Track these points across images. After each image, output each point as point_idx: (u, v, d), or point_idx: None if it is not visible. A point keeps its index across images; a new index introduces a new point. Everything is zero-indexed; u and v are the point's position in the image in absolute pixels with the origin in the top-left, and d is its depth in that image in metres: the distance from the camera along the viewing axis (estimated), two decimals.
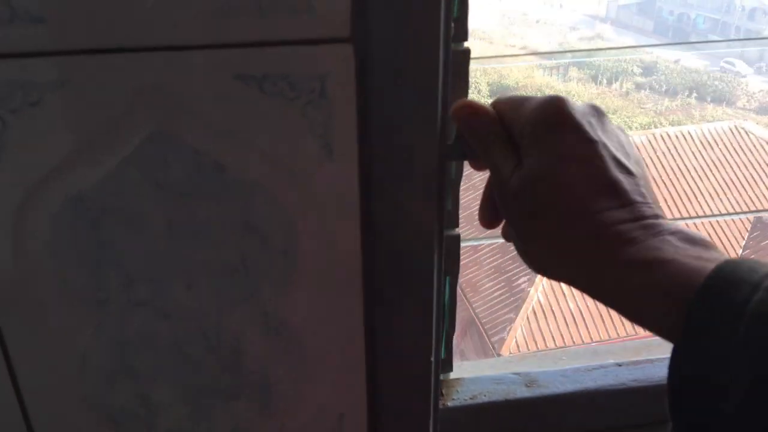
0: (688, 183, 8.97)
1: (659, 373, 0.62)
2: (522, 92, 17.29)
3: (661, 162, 9.14)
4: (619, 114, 17.28)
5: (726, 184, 9.09)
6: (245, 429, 0.45)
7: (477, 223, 0.44)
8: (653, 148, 9.42)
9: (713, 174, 9.09)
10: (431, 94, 0.39)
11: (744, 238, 8.41)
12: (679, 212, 8.58)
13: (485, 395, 0.59)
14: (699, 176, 9.05)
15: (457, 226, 0.55)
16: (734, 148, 9.50)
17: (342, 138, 0.38)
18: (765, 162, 9.34)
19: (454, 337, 0.59)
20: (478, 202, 0.44)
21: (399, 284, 0.45)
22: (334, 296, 0.43)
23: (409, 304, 0.46)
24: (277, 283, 0.42)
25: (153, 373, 0.42)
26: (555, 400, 0.60)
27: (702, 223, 8.52)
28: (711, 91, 19.31)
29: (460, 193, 0.52)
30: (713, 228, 8.57)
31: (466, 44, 0.47)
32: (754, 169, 9.23)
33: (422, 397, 0.49)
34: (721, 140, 9.54)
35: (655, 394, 0.61)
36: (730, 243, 8.31)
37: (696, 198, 8.85)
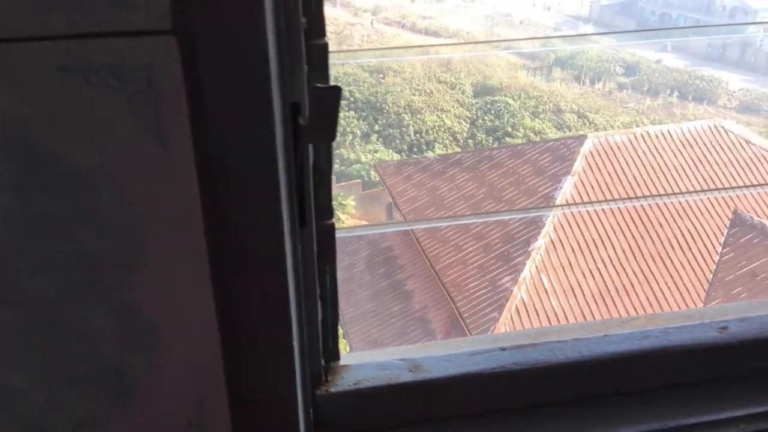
0: (667, 180, 9.04)
1: (539, 356, 0.64)
2: (507, 92, 17.36)
3: (641, 161, 9.22)
4: (602, 113, 17.36)
5: (705, 181, 9.18)
6: (102, 416, 0.46)
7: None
8: (634, 147, 9.50)
9: (693, 172, 9.18)
10: (263, 82, 0.40)
11: (723, 235, 8.49)
12: (659, 209, 8.65)
13: (369, 381, 0.61)
14: (679, 174, 9.14)
15: (332, 216, 0.56)
16: (714, 147, 9.59)
17: (173, 127, 0.40)
18: (744, 160, 9.45)
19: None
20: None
21: (250, 273, 0.46)
22: (183, 285, 0.44)
23: (263, 293, 0.47)
24: (124, 273, 0.43)
25: (3, 360, 0.43)
26: (437, 383, 0.62)
27: (681, 217, 8.61)
28: (692, 90, 19.48)
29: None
30: (692, 223, 8.64)
31: (324, 39, 0.49)
32: (733, 167, 9.34)
33: (286, 384, 0.51)
34: (701, 139, 9.63)
35: (535, 376, 0.63)
36: (710, 240, 8.40)
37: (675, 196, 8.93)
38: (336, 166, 13.56)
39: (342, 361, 0.63)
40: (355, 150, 13.66)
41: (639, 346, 0.66)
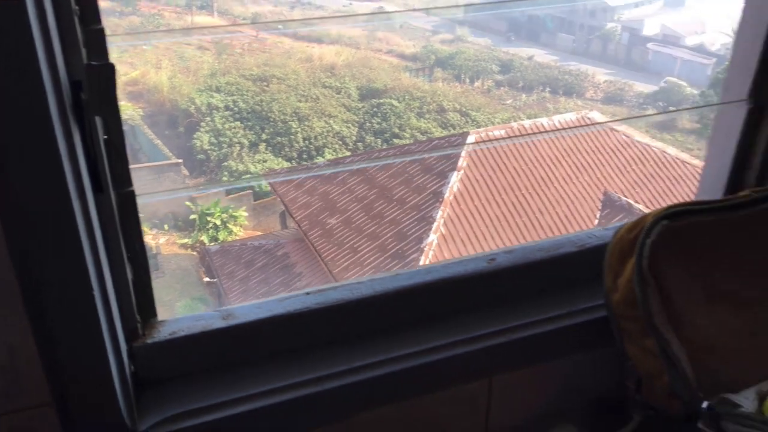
0: (544, 170, 9.66)
1: (338, 295, 0.74)
2: (391, 94, 17.81)
3: (519, 152, 9.80)
4: (482, 111, 18.19)
5: (578, 168, 9.89)
6: None
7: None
8: (511, 138, 10.07)
9: (566, 160, 9.86)
10: (30, 64, 0.47)
11: (597, 217, 9.18)
12: (539, 197, 9.21)
13: (184, 331, 0.69)
14: (554, 163, 9.79)
15: (131, 184, 0.63)
16: (583, 136, 10.35)
17: None
18: (609, 146, 10.26)
19: None
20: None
21: (40, 233, 0.53)
22: None
23: (58, 253, 0.54)
24: None
25: None
26: (247, 327, 0.70)
27: (559, 203, 9.21)
28: (562, 84, 20.82)
29: None
30: (569, 208, 9.26)
31: (100, 25, 0.56)
32: (601, 153, 10.12)
33: (93, 335, 0.57)
34: (571, 129, 10.38)
35: (336, 312, 0.74)
36: (584, 221, 9.05)
37: (552, 183, 9.53)
38: (225, 178, 13.21)
39: (161, 318, 0.70)
40: (244, 161, 13.47)
41: (423, 279, 0.78)
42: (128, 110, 12.64)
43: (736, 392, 0.68)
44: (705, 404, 0.65)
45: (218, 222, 11.08)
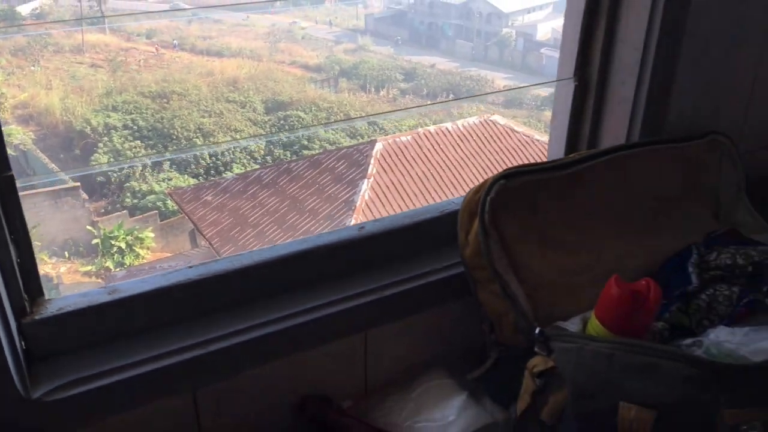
0: (452, 172, 10.00)
1: (220, 267, 0.81)
2: (298, 106, 17.80)
3: (427, 157, 10.10)
4: (389, 119, 18.57)
5: (483, 169, 10.30)
6: None
7: None
8: (419, 145, 10.37)
9: (471, 162, 10.26)
10: None
11: None
12: (446, 195, 9.51)
13: (70, 307, 0.73)
14: (461, 166, 10.15)
15: (9, 169, 0.68)
16: (486, 138, 10.80)
17: None
18: (511, 146, 10.77)
19: None
20: None
21: None
22: None
23: None
24: None
25: None
26: (132, 300, 0.76)
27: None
28: (464, 90, 21.58)
29: None
30: None
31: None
32: (504, 153, 10.60)
33: None
34: (475, 133, 10.81)
35: (216, 283, 0.81)
36: None
37: (461, 185, 9.88)
38: (128, 200, 12.72)
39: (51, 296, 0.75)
40: (147, 181, 13.05)
41: (299, 248, 0.86)
42: (18, 135, 11.98)
43: (566, 321, 0.80)
44: (537, 330, 0.77)
45: (123, 245, 10.66)
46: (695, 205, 0.98)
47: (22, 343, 0.71)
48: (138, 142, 14.20)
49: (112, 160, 12.58)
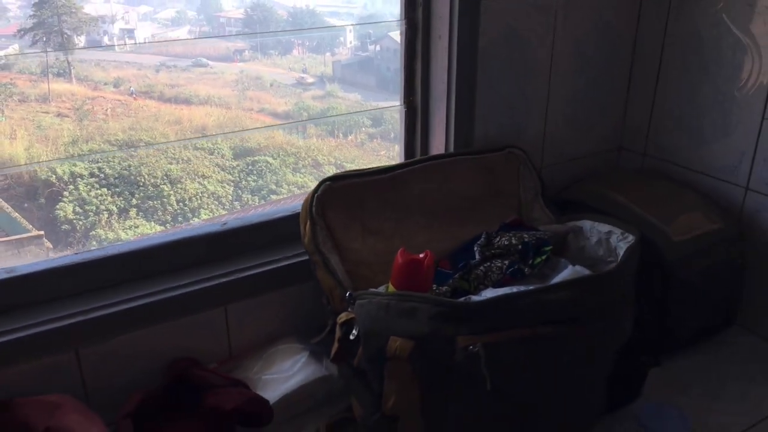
0: None
1: (96, 254, 1.03)
2: (266, 152, 18.20)
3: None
4: (357, 162, 18.99)
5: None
6: None
7: None
8: None
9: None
10: None
11: None
12: None
13: None
14: None
15: None
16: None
17: None
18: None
19: None
20: None
21: None
22: None
23: None
24: None
25: None
26: (25, 279, 0.97)
27: None
28: None
29: None
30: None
31: None
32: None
33: None
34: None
35: (93, 267, 1.02)
36: None
37: None
38: (94, 247, 12.74)
39: None
40: (113, 228, 13.15)
41: (172, 238, 1.08)
42: None
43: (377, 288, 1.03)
44: (348, 293, 0.99)
45: None
46: (499, 204, 1.23)
47: None
48: (104, 189, 14.31)
49: (77, 208, 12.68)
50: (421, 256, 0.97)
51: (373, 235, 1.10)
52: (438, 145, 1.27)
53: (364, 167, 1.15)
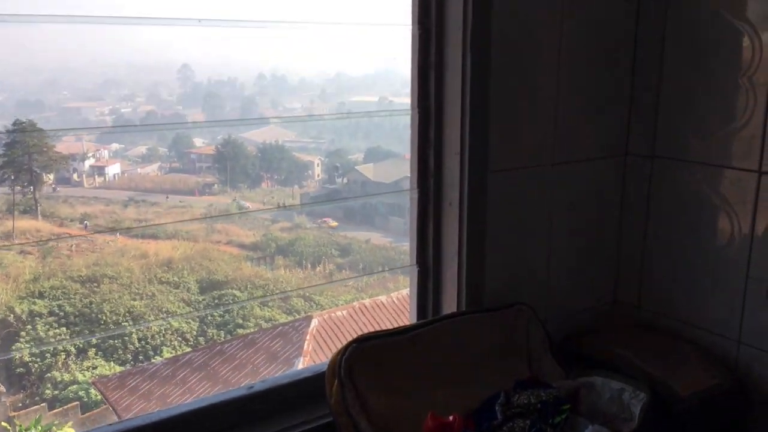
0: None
1: (134, 424, 1.03)
2: (233, 285, 17.91)
3: (363, 331, 10.24)
4: (326, 294, 18.80)
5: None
6: None
7: None
8: (355, 320, 10.58)
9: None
10: None
11: None
12: None
13: None
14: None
15: None
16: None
17: None
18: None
19: None
20: None
21: None
22: None
23: None
24: None
25: None
26: None
27: None
28: (399, 262, 22.38)
29: None
30: None
31: None
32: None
33: None
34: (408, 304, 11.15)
35: None
36: None
37: None
38: (48, 392, 12.01)
39: None
40: (70, 370, 12.48)
41: (195, 407, 1.10)
42: None
43: None
44: None
45: None
46: (512, 359, 1.29)
47: None
48: (63, 328, 13.74)
49: (34, 349, 12.09)
50: (450, 419, 1.00)
51: (396, 395, 1.13)
52: (450, 302, 1.34)
53: (384, 329, 1.20)
